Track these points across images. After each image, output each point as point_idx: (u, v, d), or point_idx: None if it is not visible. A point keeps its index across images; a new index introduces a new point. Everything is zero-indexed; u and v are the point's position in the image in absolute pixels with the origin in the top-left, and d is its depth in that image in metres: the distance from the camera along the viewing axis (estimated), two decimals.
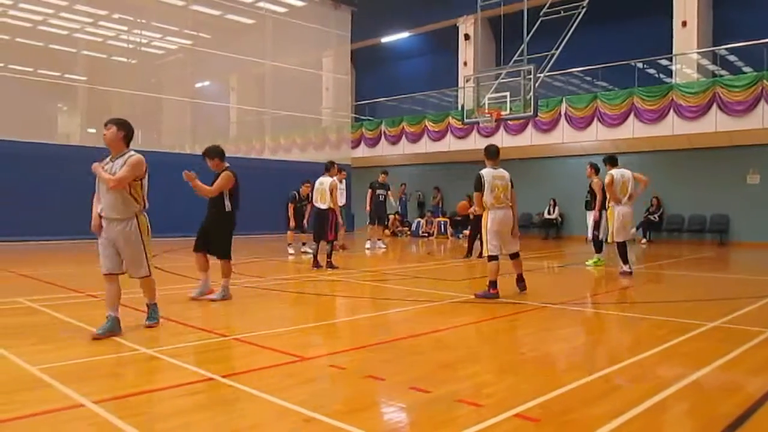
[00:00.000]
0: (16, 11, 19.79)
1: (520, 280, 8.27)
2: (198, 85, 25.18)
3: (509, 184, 8.00)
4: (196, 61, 23.19)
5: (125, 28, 21.97)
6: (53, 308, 6.77)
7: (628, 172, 10.74)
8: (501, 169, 8.03)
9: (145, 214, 5.80)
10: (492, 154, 8.10)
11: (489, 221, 7.79)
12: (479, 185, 7.85)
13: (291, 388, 3.98)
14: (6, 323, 6.06)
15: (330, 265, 11.24)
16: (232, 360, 4.85)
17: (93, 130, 21.31)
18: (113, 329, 5.43)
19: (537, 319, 6.65)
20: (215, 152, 8.44)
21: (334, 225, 11.36)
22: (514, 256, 8.24)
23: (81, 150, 17.09)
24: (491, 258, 7.79)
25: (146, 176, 5.81)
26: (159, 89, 21.93)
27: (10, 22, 19.67)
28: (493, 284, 7.74)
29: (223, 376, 4.18)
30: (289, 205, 14.26)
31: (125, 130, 5.75)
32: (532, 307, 7.24)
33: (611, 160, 10.90)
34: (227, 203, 8.03)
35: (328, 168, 11.83)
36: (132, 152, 5.68)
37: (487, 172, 7.89)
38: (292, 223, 14.25)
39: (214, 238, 7.91)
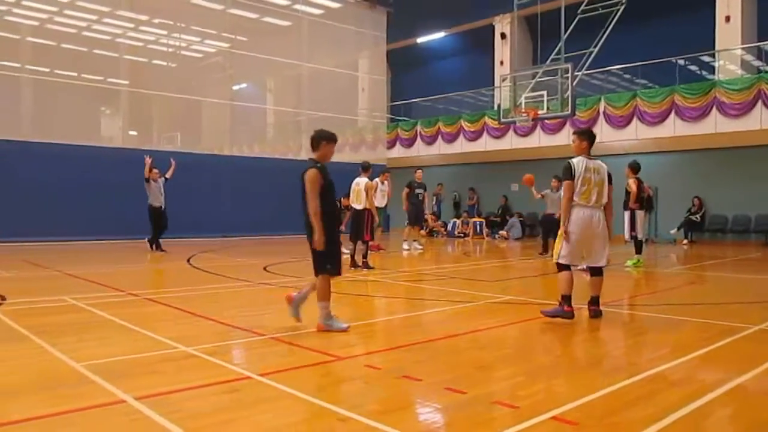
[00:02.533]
0: (62, 18, 20.35)
1: (593, 304, 6.58)
2: (236, 87, 25.52)
3: (605, 180, 6.45)
4: (234, 63, 23.51)
5: (165, 33, 22.40)
6: (96, 306, 6.93)
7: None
8: (598, 161, 6.53)
9: None
10: (590, 138, 6.59)
11: (568, 221, 6.35)
12: (569, 173, 6.33)
13: (327, 388, 4.01)
14: (52, 321, 6.23)
15: (366, 266, 11.27)
16: (269, 359, 4.90)
17: (134, 133, 21.80)
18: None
19: (574, 321, 6.56)
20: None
21: (370, 225, 11.39)
22: (596, 272, 6.57)
23: (123, 152, 17.50)
24: (561, 267, 6.44)
25: None
26: (198, 92, 22.28)
27: (56, 28, 20.24)
28: (566, 300, 6.30)
29: (260, 375, 4.22)
30: None
31: None
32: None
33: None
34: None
35: (365, 168, 11.88)
36: None
37: (578, 162, 6.40)
38: None
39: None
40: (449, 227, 23.58)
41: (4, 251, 13.91)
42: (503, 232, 22.25)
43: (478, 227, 22.68)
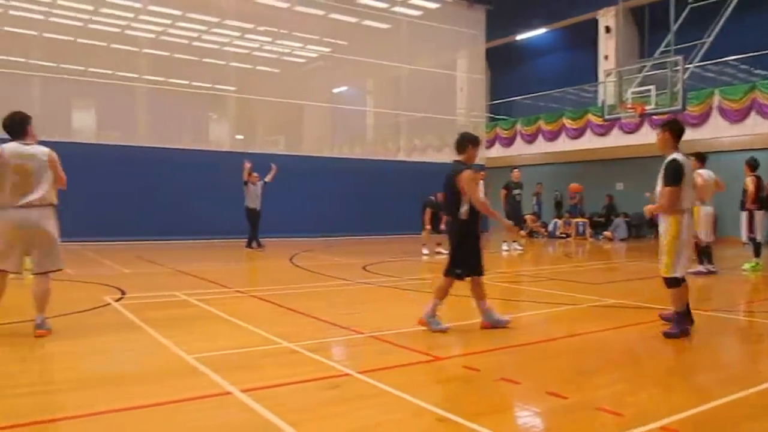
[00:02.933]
0: (175, 29, 21.58)
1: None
2: (336, 90, 26.09)
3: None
4: (335, 67, 24.05)
5: (269, 40, 23.23)
6: (205, 302, 7.29)
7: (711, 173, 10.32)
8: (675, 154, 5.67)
9: None
10: (681, 131, 5.77)
11: (684, 228, 5.54)
12: (677, 176, 5.48)
13: (425, 387, 4.02)
14: (166, 315, 6.61)
15: None
16: (368, 357, 4.97)
17: (240, 137, 22.74)
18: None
19: None
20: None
21: None
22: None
23: (230, 156, 18.28)
24: (677, 281, 5.60)
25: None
26: (300, 96, 22.95)
27: (170, 39, 21.48)
28: (683, 316, 5.63)
29: (360, 372, 4.29)
30: (426, 209, 14.37)
31: None
32: None
33: (701, 157, 10.27)
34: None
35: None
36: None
37: (684, 161, 5.59)
38: (428, 227, 14.37)
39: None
40: (550, 228, 23.01)
41: (122, 249, 14.91)
42: (608, 233, 21.44)
43: (580, 228, 21.99)
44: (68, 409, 3.51)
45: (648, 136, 19.70)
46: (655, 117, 18.58)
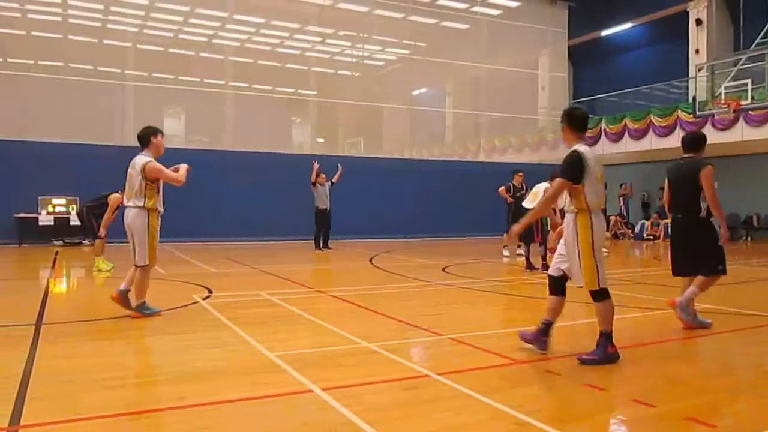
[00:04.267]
0: (258, 37, 22.25)
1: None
2: (415, 92, 26.13)
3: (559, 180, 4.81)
4: (414, 69, 24.10)
5: (349, 44, 23.56)
6: (287, 301, 7.47)
7: None
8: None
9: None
10: (579, 119, 4.96)
11: (595, 230, 4.76)
12: (574, 169, 4.67)
13: (504, 391, 3.96)
14: (250, 313, 6.81)
15: (545, 267, 10.96)
16: (446, 358, 4.95)
17: (321, 140, 23.17)
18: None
19: None
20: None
21: (540, 228, 11.09)
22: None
23: (312, 158, 18.65)
24: (604, 293, 4.84)
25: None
26: (379, 99, 23.15)
27: (253, 47, 22.16)
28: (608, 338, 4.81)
29: (439, 374, 4.28)
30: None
31: None
32: None
33: None
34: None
35: (552, 179, 11.59)
36: None
37: (587, 151, 4.76)
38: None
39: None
40: (637, 229, 22.19)
41: (211, 250, 15.48)
42: None
43: (669, 229, 21.10)
44: (159, 402, 3.68)
45: (744, 133, 18.68)
46: (752, 113, 17.60)
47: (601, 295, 4.78)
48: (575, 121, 4.92)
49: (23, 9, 18.22)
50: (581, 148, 4.74)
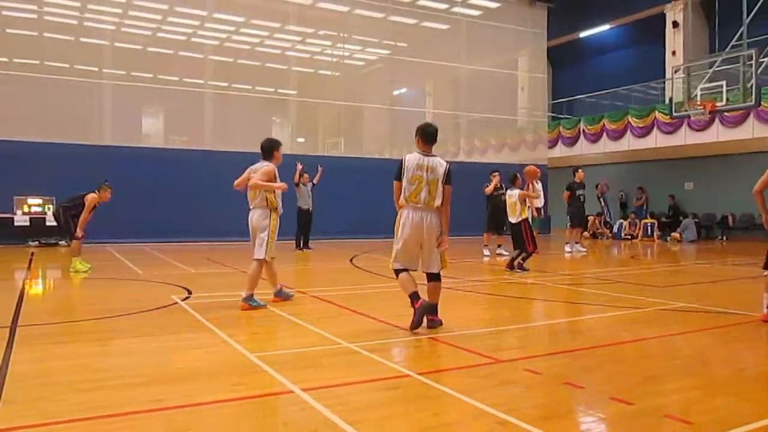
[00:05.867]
0: (238, 36, 22.13)
1: (430, 313, 5.86)
2: (396, 92, 26.16)
3: (440, 179, 5.77)
4: (394, 69, 24.13)
5: (329, 43, 23.52)
6: (267, 302, 7.42)
7: None
8: (436, 158, 5.89)
9: None
10: (426, 135, 5.99)
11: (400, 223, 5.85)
12: (398, 171, 5.86)
13: (486, 390, 3.98)
14: (230, 314, 6.76)
15: (520, 267, 11.02)
16: (428, 358, 4.95)
17: (302, 140, 23.10)
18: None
19: (758, 331, 5.96)
20: None
21: (530, 236, 11.06)
22: (431, 277, 5.99)
23: (291, 158, 18.59)
24: (396, 272, 5.95)
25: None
26: (360, 98, 23.13)
27: (233, 46, 22.03)
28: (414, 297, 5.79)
29: (420, 374, 4.28)
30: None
31: None
32: (751, 318, 6.47)
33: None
34: None
35: (513, 180, 11.66)
36: None
37: (411, 158, 5.89)
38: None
39: None
40: (615, 229, 22.42)
41: (190, 250, 15.35)
42: (676, 234, 20.75)
43: (648, 229, 21.35)
44: (136, 404, 3.63)
45: (720, 134, 18.97)
46: (726, 114, 17.86)
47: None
48: (420, 134, 6.02)
49: None
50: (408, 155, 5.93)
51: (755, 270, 11.10)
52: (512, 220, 11.23)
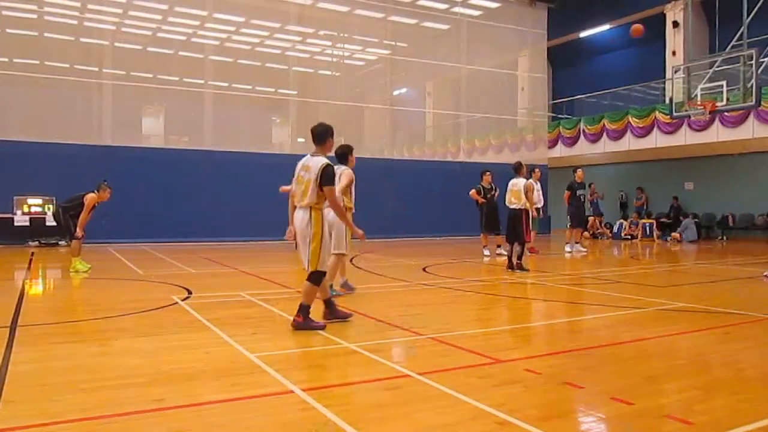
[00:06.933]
0: (239, 36, 22.11)
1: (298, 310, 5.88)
2: (396, 92, 26.15)
3: (315, 177, 5.87)
4: (394, 69, 24.13)
5: (329, 43, 23.51)
6: (268, 302, 7.43)
7: None
8: (319, 158, 6.03)
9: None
10: (312, 135, 6.28)
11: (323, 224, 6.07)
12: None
13: (485, 390, 3.98)
14: (230, 314, 6.76)
15: (520, 267, 11.03)
16: (428, 358, 4.95)
17: (302, 140, 23.07)
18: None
19: (758, 331, 5.96)
20: None
21: (527, 226, 11.14)
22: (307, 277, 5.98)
23: (292, 158, 18.62)
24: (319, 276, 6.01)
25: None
26: (360, 98, 23.13)
27: (233, 46, 22.02)
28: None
29: (419, 374, 4.28)
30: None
31: None
32: (752, 318, 6.48)
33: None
34: None
35: (517, 169, 11.67)
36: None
37: (302, 160, 6.19)
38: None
39: None
40: (615, 228, 22.42)
41: (191, 250, 15.35)
42: (675, 234, 20.75)
43: (647, 229, 21.35)
44: (136, 404, 3.63)
45: (719, 134, 18.97)
46: (726, 114, 17.85)
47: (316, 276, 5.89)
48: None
49: None
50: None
51: (756, 270, 11.10)
52: (514, 206, 11.24)
